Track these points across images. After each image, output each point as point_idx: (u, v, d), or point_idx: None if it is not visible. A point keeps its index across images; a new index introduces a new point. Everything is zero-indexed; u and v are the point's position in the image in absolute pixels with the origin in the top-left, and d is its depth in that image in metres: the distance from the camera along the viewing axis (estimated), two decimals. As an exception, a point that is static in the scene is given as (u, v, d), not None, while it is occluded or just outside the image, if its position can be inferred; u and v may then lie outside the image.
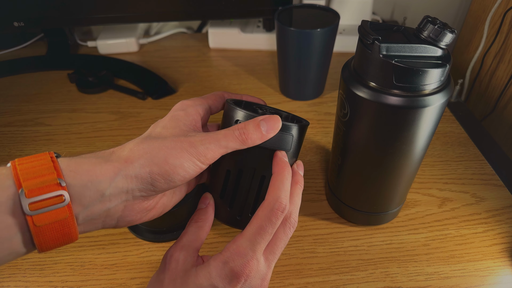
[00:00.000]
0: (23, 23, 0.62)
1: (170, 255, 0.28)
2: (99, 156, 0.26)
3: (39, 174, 0.23)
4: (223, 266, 0.27)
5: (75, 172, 0.24)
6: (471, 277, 0.38)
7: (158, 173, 0.26)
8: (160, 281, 0.28)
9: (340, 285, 0.37)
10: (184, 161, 0.26)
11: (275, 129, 0.29)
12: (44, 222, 0.22)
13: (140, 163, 0.25)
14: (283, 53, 0.56)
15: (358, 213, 0.40)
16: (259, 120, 0.28)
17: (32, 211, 0.22)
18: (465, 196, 0.46)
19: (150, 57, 0.72)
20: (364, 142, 0.33)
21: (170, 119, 0.29)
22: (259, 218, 0.28)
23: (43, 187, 0.22)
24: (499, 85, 0.65)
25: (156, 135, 0.28)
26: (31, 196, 0.22)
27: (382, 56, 0.28)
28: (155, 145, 0.26)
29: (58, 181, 0.23)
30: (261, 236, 0.27)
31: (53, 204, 0.22)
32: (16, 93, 0.63)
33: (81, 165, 0.24)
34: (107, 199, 0.25)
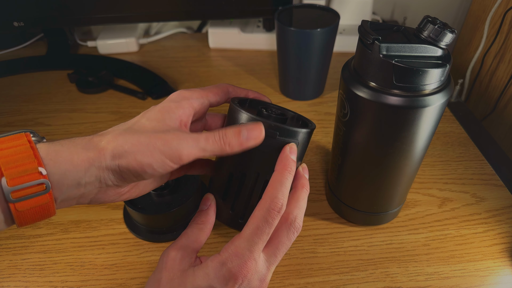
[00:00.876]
0: (23, 23, 0.62)
1: (168, 254, 0.28)
2: (77, 143, 0.26)
3: (20, 162, 0.23)
4: (220, 267, 0.27)
5: (55, 161, 0.24)
6: (471, 277, 0.38)
7: (126, 168, 0.26)
8: (158, 281, 0.28)
9: (340, 285, 0.37)
10: (154, 160, 0.26)
11: (256, 139, 0.28)
12: (26, 207, 0.24)
13: (112, 156, 0.26)
14: (283, 53, 0.56)
15: (358, 213, 0.40)
16: (240, 127, 0.28)
17: (15, 199, 0.23)
18: (465, 196, 0.46)
19: (150, 57, 0.72)
20: (364, 142, 0.33)
21: (159, 110, 0.29)
22: (256, 218, 0.28)
23: (25, 176, 0.23)
24: (499, 85, 0.65)
25: (138, 128, 0.27)
26: (13, 185, 0.23)
27: (382, 56, 0.28)
28: (129, 140, 0.26)
29: (39, 170, 0.23)
30: (258, 237, 0.27)
31: (35, 192, 0.23)
32: (16, 93, 0.63)
33: (60, 154, 0.25)
34: (83, 185, 0.26)
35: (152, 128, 0.27)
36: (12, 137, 0.25)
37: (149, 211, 0.39)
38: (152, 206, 0.40)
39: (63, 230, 0.42)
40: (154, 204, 0.40)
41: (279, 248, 0.29)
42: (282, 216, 0.29)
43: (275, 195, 0.28)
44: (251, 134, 0.28)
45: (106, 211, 0.44)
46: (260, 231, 0.27)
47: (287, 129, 0.29)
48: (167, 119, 0.28)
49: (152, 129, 0.27)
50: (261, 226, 0.27)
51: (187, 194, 0.40)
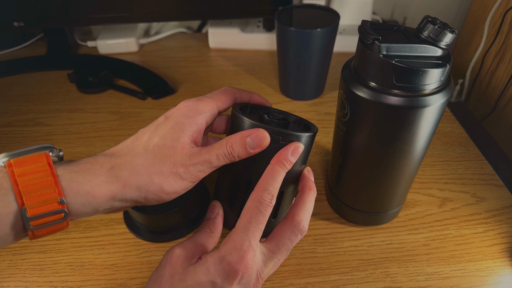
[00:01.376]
0: (23, 23, 0.62)
1: (173, 251, 0.29)
2: (98, 174, 0.26)
3: (41, 192, 0.24)
4: (220, 261, 0.27)
5: (76, 193, 0.25)
6: (471, 277, 0.38)
7: (153, 198, 0.28)
8: (160, 277, 0.28)
9: (340, 285, 0.37)
10: (178, 186, 0.28)
11: (262, 147, 0.29)
12: (43, 232, 0.25)
13: (137, 189, 0.27)
14: (283, 53, 0.56)
15: (358, 213, 0.40)
16: (245, 136, 0.29)
17: (33, 227, 0.24)
18: (465, 196, 0.46)
19: (150, 57, 0.72)
20: (364, 142, 0.33)
21: (172, 128, 0.29)
22: (249, 210, 0.29)
23: (45, 206, 0.24)
24: (499, 85, 0.65)
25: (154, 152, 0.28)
26: (33, 214, 0.24)
27: (382, 56, 0.28)
28: (152, 171, 0.27)
29: (59, 200, 0.24)
30: (252, 226, 0.28)
31: (53, 220, 0.24)
32: (16, 93, 0.63)
33: (81, 186, 0.25)
34: (100, 211, 0.27)
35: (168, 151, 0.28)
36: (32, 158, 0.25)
37: (149, 211, 0.39)
38: (152, 206, 0.39)
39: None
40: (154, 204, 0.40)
41: (280, 247, 0.29)
42: (287, 217, 0.31)
43: (266, 188, 0.29)
44: (256, 143, 0.29)
45: (106, 211, 0.44)
46: (253, 220, 0.28)
47: (289, 134, 0.29)
48: (182, 138, 0.29)
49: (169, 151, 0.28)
50: (254, 216, 0.28)
51: (187, 194, 0.40)
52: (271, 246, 0.29)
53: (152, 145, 0.28)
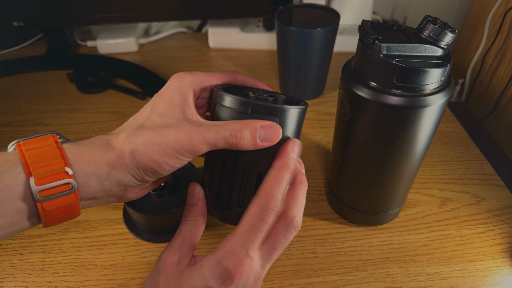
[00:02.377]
0: (22, 23, 0.62)
1: (165, 258, 0.28)
2: (96, 145, 0.27)
3: (48, 162, 0.24)
4: (216, 266, 0.27)
5: (80, 163, 0.25)
6: (472, 277, 0.37)
7: (143, 168, 0.27)
8: (155, 284, 0.28)
9: (341, 286, 0.37)
10: (170, 159, 0.27)
11: (272, 141, 0.27)
12: (53, 207, 0.24)
13: (129, 158, 0.26)
14: (283, 53, 0.55)
15: (359, 213, 0.40)
16: (258, 126, 0.26)
17: (42, 198, 0.24)
18: (466, 196, 0.46)
19: (150, 57, 0.72)
20: (365, 142, 0.33)
21: (167, 105, 0.29)
22: (251, 216, 0.27)
23: (52, 175, 0.24)
24: (500, 85, 0.65)
25: (150, 125, 0.28)
26: (41, 184, 0.23)
27: (383, 55, 0.28)
28: (143, 140, 0.27)
29: (65, 170, 0.24)
30: (253, 235, 0.27)
31: (62, 191, 0.24)
32: (16, 93, 0.63)
33: (84, 156, 0.25)
34: (108, 188, 0.26)
35: (164, 124, 0.27)
36: (40, 138, 0.25)
37: (148, 211, 0.39)
38: (152, 206, 0.39)
39: (63, 230, 0.42)
40: (154, 204, 0.40)
41: (275, 247, 0.28)
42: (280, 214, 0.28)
43: (271, 194, 0.27)
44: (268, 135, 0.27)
45: (106, 211, 0.44)
46: (255, 228, 0.27)
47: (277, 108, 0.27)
48: (178, 113, 0.28)
49: (164, 125, 0.27)
50: (256, 224, 0.27)
51: (187, 194, 0.40)
52: (268, 248, 0.28)
53: (149, 121, 0.28)
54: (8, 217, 0.23)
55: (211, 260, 0.27)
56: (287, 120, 0.28)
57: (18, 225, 0.24)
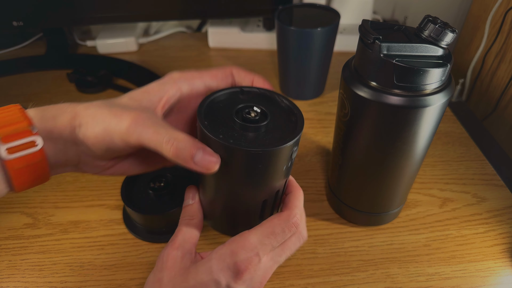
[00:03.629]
0: (22, 23, 0.62)
1: (168, 253, 0.28)
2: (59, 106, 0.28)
3: (12, 122, 0.25)
4: (225, 258, 0.26)
5: (42, 121, 0.26)
6: (472, 277, 0.37)
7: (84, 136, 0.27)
8: (159, 280, 0.27)
9: (341, 286, 0.37)
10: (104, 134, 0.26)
11: (206, 170, 0.25)
12: (21, 165, 0.25)
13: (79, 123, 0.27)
14: (283, 53, 0.55)
15: (359, 214, 0.40)
16: (199, 146, 0.25)
17: (9, 155, 0.24)
18: (466, 196, 0.45)
19: (150, 57, 0.72)
20: (365, 142, 0.33)
21: (142, 91, 0.29)
22: (274, 224, 0.28)
23: (17, 133, 0.25)
24: (500, 85, 0.65)
25: (113, 103, 0.28)
26: (7, 142, 0.24)
27: (383, 55, 0.28)
28: (96, 111, 0.27)
29: (30, 128, 0.25)
30: (270, 240, 0.27)
31: (28, 148, 0.25)
32: (15, 92, 0.62)
33: (45, 114, 0.27)
34: (68, 150, 0.27)
35: (125, 106, 0.27)
36: (4, 107, 0.27)
37: (148, 212, 0.39)
38: (152, 206, 0.39)
39: (62, 231, 0.42)
40: (154, 205, 0.40)
41: (285, 251, 0.29)
42: None
43: (296, 212, 0.29)
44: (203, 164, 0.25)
45: (105, 212, 0.44)
46: (274, 236, 0.28)
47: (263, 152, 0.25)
48: (145, 100, 0.28)
49: (126, 105, 0.28)
50: (277, 233, 0.28)
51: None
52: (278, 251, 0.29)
53: (116, 101, 0.28)
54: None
55: (221, 252, 0.27)
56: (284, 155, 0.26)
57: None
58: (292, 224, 0.28)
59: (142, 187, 0.41)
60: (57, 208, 0.44)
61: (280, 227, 0.28)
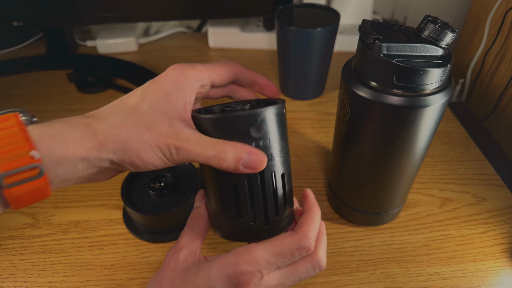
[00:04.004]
0: (22, 23, 0.62)
1: (170, 254, 0.28)
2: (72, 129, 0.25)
3: (11, 147, 0.22)
4: (226, 267, 0.26)
5: (49, 146, 0.24)
6: (472, 277, 0.37)
7: (127, 163, 0.26)
8: (160, 280, 0.27)
9: (341, 286, 0.37)
10: (156, 160, 0.26)
11: (255, 169, 0.26)
12: (20, 192, 0.23)
13: (114, 150, 0.25)
14: (283, 53, 0.55)
15: (359, 214, 0.40)
16: (244, 152, 0.25)
17: (8, 185, 0.22)
18: (466, 196, 0.45)
19: (150, 57, 0.72)
20: (365, 142, 0.33)
21: (160, 98, 0.27)
22: (284, 245, 0.27)
23: (16, 161, 0.22)
24: (500, 85, 0.65)
25: (140, 118, 0.26)
26: (6, 170, 0.22)
27: (383, 55, 0.28)
28: (133, 135, 0.25)
29: (31, 154, 0.23)
30: (276, 259, 0.26)
31: (28, 177, 0.23)
32: (15, 93, 0.63)
33: (54, 140, 0.24)
34: (80, 171, 0.25)
35: (156, 123, 0.26)
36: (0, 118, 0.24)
37: (148, 212, 0.39)
38: (152, 206, 0.39)
39: (63, 231, 0.42)
40: (154, 205, 0.40)
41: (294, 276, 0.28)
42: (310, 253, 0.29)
43: (309, 235, 0.27)
44: (252, 164, 0.25)
45: (106, 212, 0.44)
46: (282, 257, 0.27)
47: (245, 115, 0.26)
48: (170, 110, 0.27)
49: (156, 124, 0.26)
50: (285, 254, 0.27)
51: (186, 194, 0.40)
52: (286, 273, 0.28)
53: (138, 111, 0.27)
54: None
55: (222, 261, 0.26)
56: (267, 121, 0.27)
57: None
58: (303, 247, 0.27)
59: (142, 187, 0.41)
60: (58, 208, 0.44)
61: (290, 248, 0.27)
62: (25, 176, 0.23)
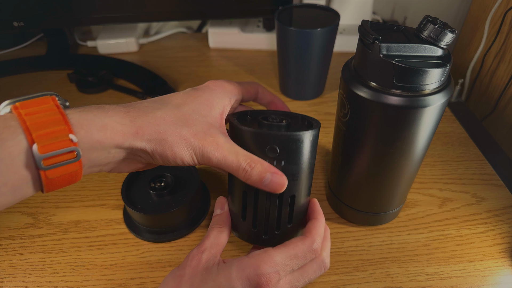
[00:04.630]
0: (22, 23, 0.62)
1: (193, 255, 0.29)
2: (110, 115, 0.26)
3: (51, 129, 0.23)
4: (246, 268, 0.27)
5: (86, 130, 0.24)
6: (472, 277, 0.38)
7: (160, 154, 0.27)
8: (180, 276, 0.28)
9: (341, 285, 0.37)
10: (187, 155, 0.27)
11: (274, 190, 0.28)
12: (56, 174, 0.23)
13: (149, 139, 0.26)
14: (283, 53, 0.55)
15: (359, 213, 0.40)
16: (269, 171, 0.28)
17: (46, 166, 0.23)
18: (466, 196, 0.46)
19: (150, 57, 0.72)
20: (365, 142, 0.33)
21: (201, 103, 0.29)
22: (297, 248, 0.28)
23: (56, 143, 0.23)
24: (500, 85, 0.65)
25: (180, 116, 0.28)
26: (44, 152, 0.22)
27: (383, 56, 0.28)
28: (171, 129, 0.27)
29: (70, 137, 0.23)
30: (292, 262, 0.28)
31: (66, 159, 0.23)
32: (16, 93, 0.63)
33: (92, 124, 0.25)
34: (111, 157, 0.26)
35: (195, 122, 0.28)
36: (38, 100, 0.24)
37: (149, 211, 0.39)
38: (152, 206, 0.39)
39: (63, 230, 0.42)
40: (154, 204, 0.40)
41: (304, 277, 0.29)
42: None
43: (317, 239, 0.30)
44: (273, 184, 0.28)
45: (106, 211, 0.44)
46: (296, 259, 0.28)
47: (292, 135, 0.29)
48: (209, 116, 0.29)
49: (195, 123, 0.28)
50: (299, 256, 0.28)
51: (187, 194, 0.40)
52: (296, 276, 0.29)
53: (178, 109, 0.28)
54: (11, 185, 0.22)
55: (243, 261, 0.28)
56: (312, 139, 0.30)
57: (20, 193, 0.23)
58: (313, 250, 0.29)
59: (142, 187, 0.41)
60: (58, 208, 0.44)
61: (303, 251, 0.29)
62: (63, 159, 0.23)
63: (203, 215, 0.43)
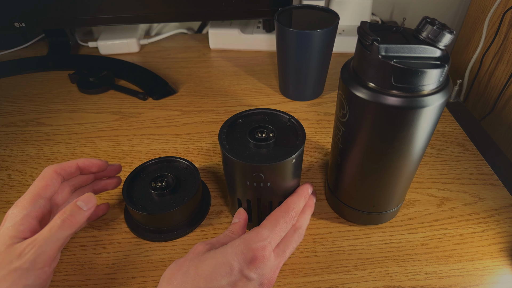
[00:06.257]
0: (24, 24, 0.63)
1: (197, 245, 0.32)
2: None
3: None
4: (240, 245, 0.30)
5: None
6: (470, 276, 0.38)
7: None
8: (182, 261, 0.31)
9: (339, 284, 0.37)
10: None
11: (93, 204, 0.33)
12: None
13: None
14: (283, 54, 0.56)
15: (357, 213, 0.41)
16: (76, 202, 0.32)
17: None
18: (464, 195, 0.46)
19: (151, 58, 0.72)
20: (363, 142, 0.34)
21: None
22: (277, 216, 0.33)
23: None
24: (498, 85, 0.65)
25: None
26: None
27: (381, 56, 0.28)
28: None
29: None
30: (277, 229, 0.33)
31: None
32: (17, 93, 0.63)
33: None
34: None
35: None
36: None
37: (150, 211, 0.39)
38: (153, 205, 0.40)
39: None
40: (155, 204, 0.40)
41: (288, 246, 0.34)
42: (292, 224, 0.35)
43: (294, 206, 0.35)
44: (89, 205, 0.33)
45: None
46: (279, 226, 0.33)
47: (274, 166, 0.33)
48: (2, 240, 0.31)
49: None
50: (281, 223, 0.33)
51: (187, 194, 0.41)
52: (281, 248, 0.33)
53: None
54: None
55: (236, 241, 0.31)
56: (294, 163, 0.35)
57: None
58: (291, 215, 0.34)
59: (143, 187, 0.41)
60: (59, 208, 0.44)
61: (283, 218, 0.33)
62: None
63: (203, 215, 0.43)
